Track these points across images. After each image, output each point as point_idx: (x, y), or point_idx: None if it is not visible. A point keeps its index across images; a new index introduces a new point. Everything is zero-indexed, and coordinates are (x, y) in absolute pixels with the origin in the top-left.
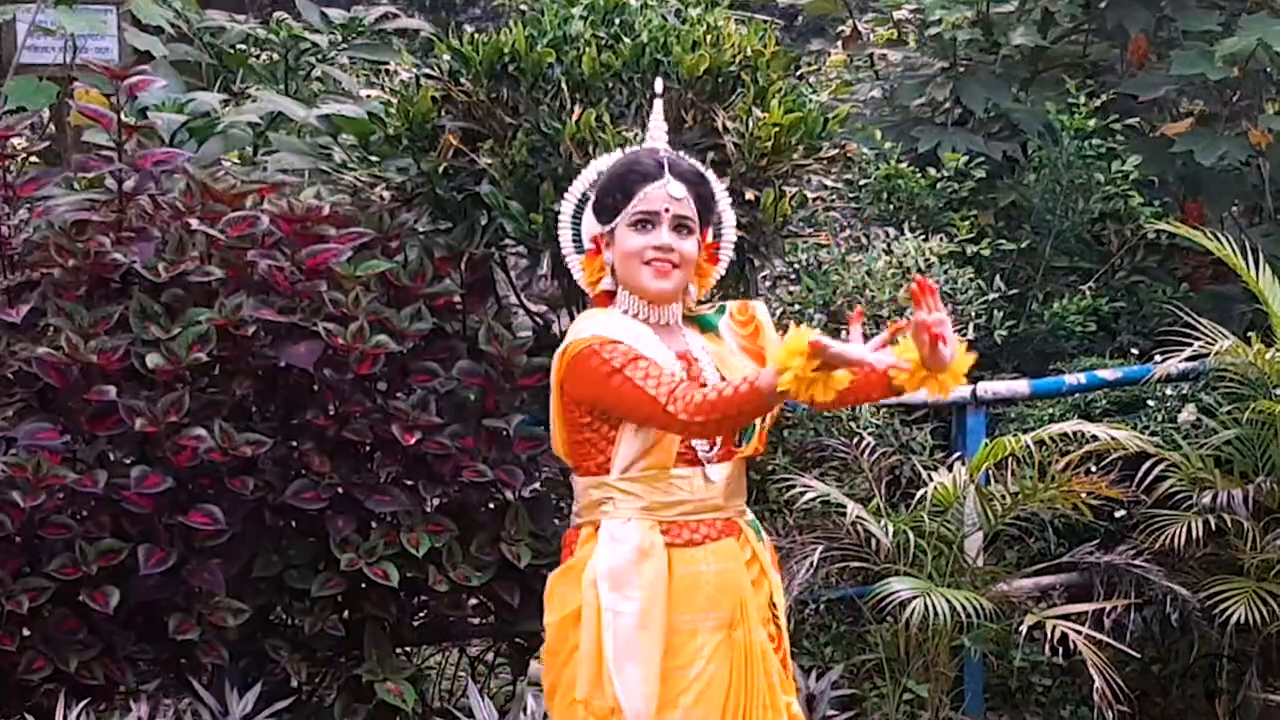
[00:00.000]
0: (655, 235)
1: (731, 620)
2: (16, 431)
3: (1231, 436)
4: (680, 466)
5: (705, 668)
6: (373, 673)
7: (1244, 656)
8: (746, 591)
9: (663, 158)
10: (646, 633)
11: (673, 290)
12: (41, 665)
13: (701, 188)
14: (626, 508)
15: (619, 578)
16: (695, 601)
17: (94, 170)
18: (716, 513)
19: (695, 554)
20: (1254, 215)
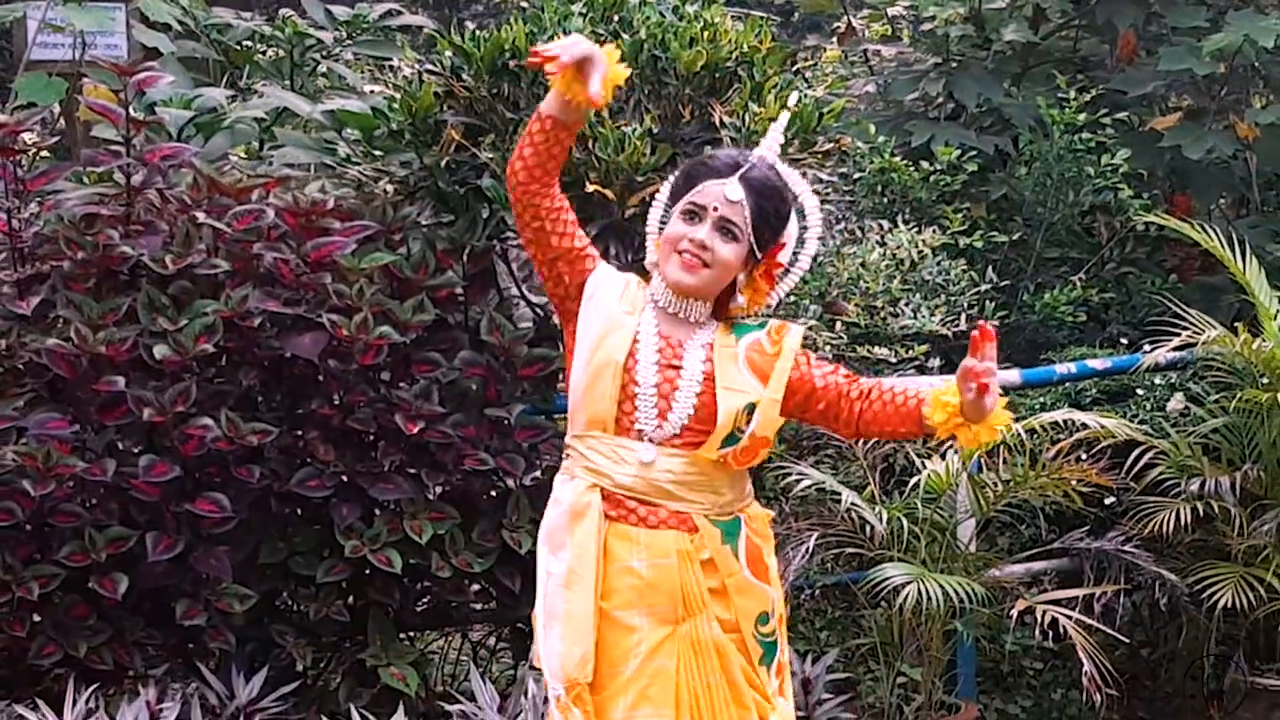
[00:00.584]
0: (696, 229)
1: (673, 615)
2: (27, 421)
3: (1219, 424)
4: (623, 435)
5: (648, 663)
6: (377, 657)
7: (1231, 641)
8: (690, 588)
9: (743, 160)
10: (572, 592)
11: (694, 286)
12: (52, 650)
13: (769, 202)
14: (575, 465)
15: (554, 539)
16: (626, 595)
17: (103, 165)
18: (665, 499)
19: (630, 545)
20: (1241, 207)
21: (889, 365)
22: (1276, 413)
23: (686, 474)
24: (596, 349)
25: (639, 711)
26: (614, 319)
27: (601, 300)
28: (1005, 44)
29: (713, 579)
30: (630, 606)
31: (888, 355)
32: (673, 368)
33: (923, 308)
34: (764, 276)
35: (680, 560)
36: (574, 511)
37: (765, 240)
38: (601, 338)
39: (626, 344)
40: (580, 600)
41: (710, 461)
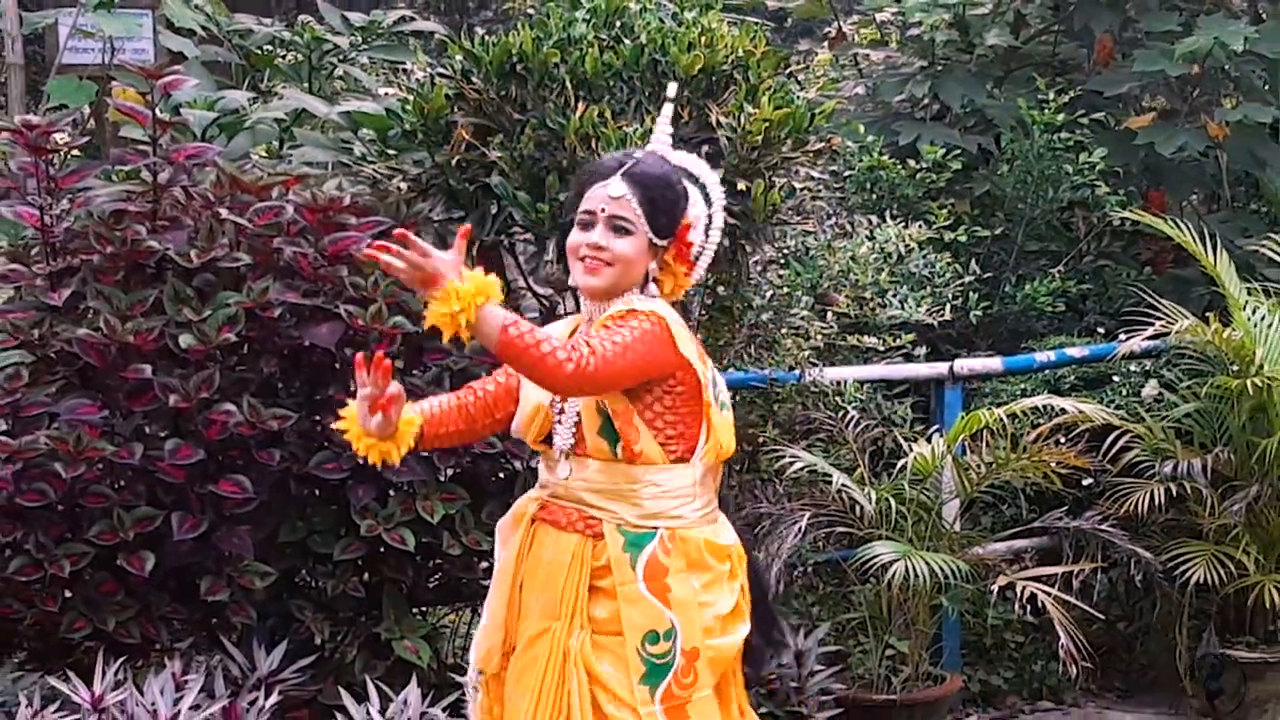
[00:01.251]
0: (590, 234)
1: (554, 612)
2: (58, 407)
3: (1191, 410)
4: (545, 448)
5: (528, 650)
6: (391, 631)
7: (1203, 615)
8: (569, 590)
9: (625, 159)
10: (495, 590)
11: (601, 286)
12: (82, 625)
13: (656, 192)
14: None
15: (501, 536)
16: (534, 583)
17: (131, 163)
18: (579, 504)
19: (544, 539)
20: (1212, 203)
21: (877, 353)
22: (1246, 398)
23: (599, 482)
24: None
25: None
26: None
27: None
28: (988, 48)
29: (605, 580)
30: (534, 593)
31: (876, 344)
32: None
33: (909, 299)
34: (678, 259)
35: (574, 562)
36: (515, 516)
37: (662, 226)
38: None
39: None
40: (498, 597)
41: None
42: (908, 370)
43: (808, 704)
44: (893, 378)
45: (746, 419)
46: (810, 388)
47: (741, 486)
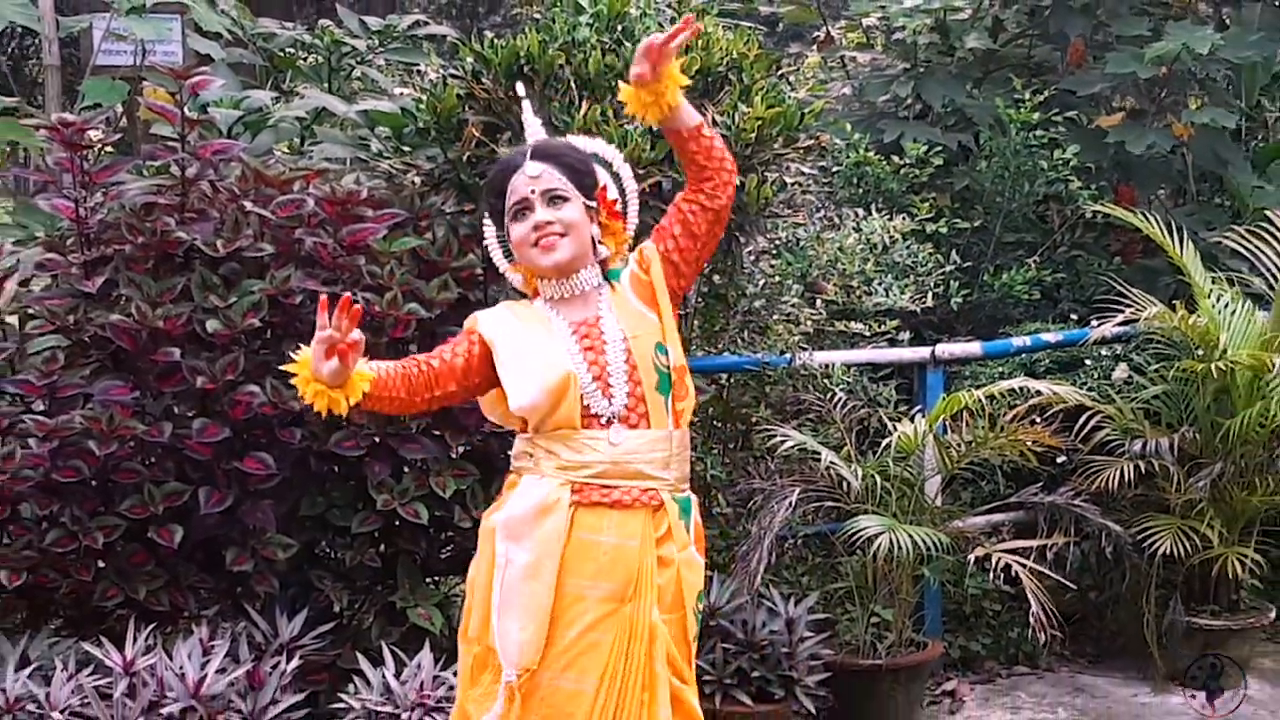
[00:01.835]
0: (532, 217)
1: (623, 594)
2: (92, 388)
3: (1159, 391)
4: (588, 428)
5: (585, 634)
6: (405, 600)
7: (1170, 585)
8: (644, 569)
9: (527, 147)
10: (533, 584)
11: (567, 258)
12: (114, 594)
13: (568, 158)
14: (546, 465)
15: (515, 529)
16: (586, 568)
17: (161, 159)
18: (635, 479)
19: (600, 520)
20: (1179, 197)
21: (864, 338)
22: (1210, 381)
23: (649, 450)
24: (545, 370)
25: (565, 675)
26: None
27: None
28: (968, 51)
29: (666, 548)
30: (588, 579)
31: (863, 329)
32: (596, 349)
33: (894, 287)
34: (612, 216)
35: (643, 543)
36: (542, 507)
37: (587, 186)
38: (543, 360)
39: (563, 351)
40: (541, 592)
41: (668, 434)
42: (892, 354)
43: (798, 668)
44: (878, 361)
45: (740, 400)
46: (800, 371)
47: (735, 464)
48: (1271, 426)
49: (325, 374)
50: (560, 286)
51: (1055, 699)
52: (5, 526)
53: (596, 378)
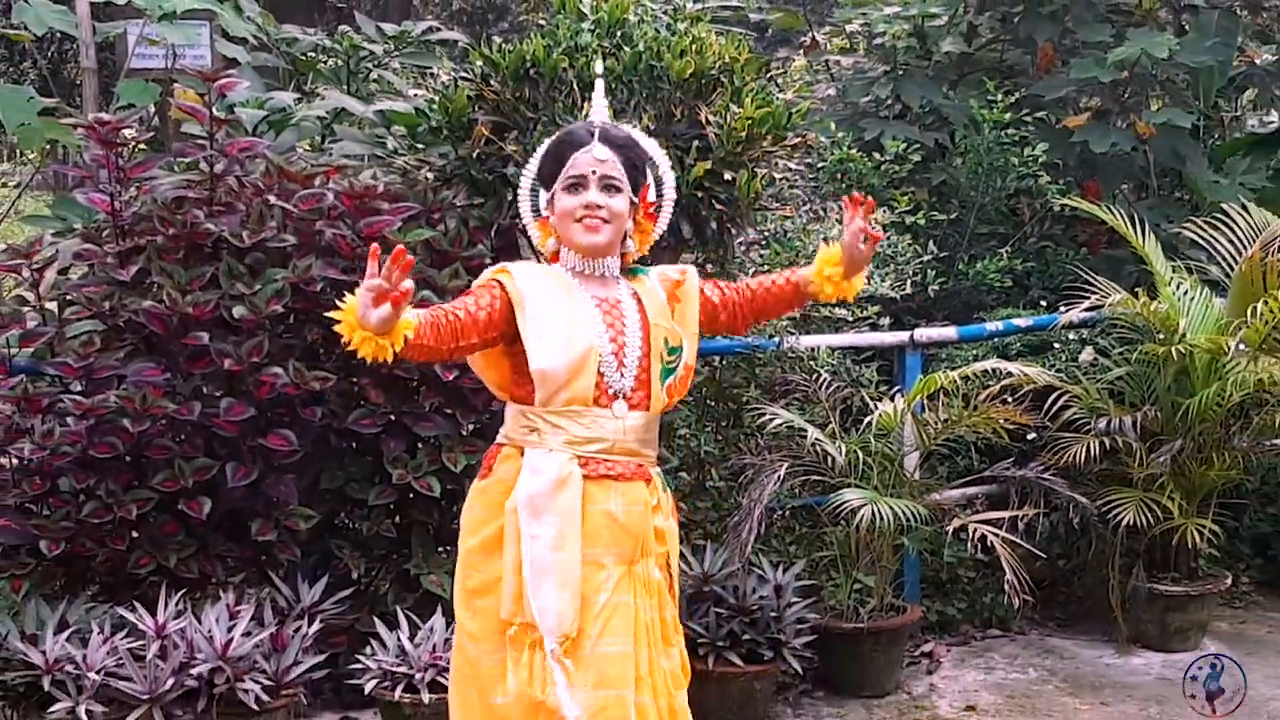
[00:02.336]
0: (585, 195)
1: (632, 556)
2: (126, 370)
3: (1122, 373)
4: (599, 406)
5: (612, 598)
6: (419, 567)
7: (1133, 553)
8: (648, 533)
9: (595, 127)
10: (561, 555)
11: (604, 243)
12: (147, 562)
13: (630, 152)
14: (551, 439)
15: (537, 505)
16: (600, 537)
17: (190, 156)
18: (631, 456)
19: (607, 492)
20: (1141, 192)
21: (847, 323)
22: (1170, 363)
23: (644, 431)
24: (570, 341)
25: (605, 640)
26: (569, 310)
27: (542, 297)
28: (944, 55)
29: (659, 518)
30: (603, 546)
31: (846, 315)
32: (616, 328)
33: (875, 275)
34: (646, 217)
35: (644, 507)
36: (558, 481)
37: (637, 185)
38: (569, 329)
39: (590, 327)
40: (570, 560)
41: (656, 417)
42: (873, 338)
43: (785, 631)
44: (860, 345)
45: (732, 381)
46: (788, 353)
47: (727, 440)
48: (1228, 406)
49: (374, 321)
50: (585, 263)
51: (1026, 660)
52: (45, 499)
53: (615, 353)
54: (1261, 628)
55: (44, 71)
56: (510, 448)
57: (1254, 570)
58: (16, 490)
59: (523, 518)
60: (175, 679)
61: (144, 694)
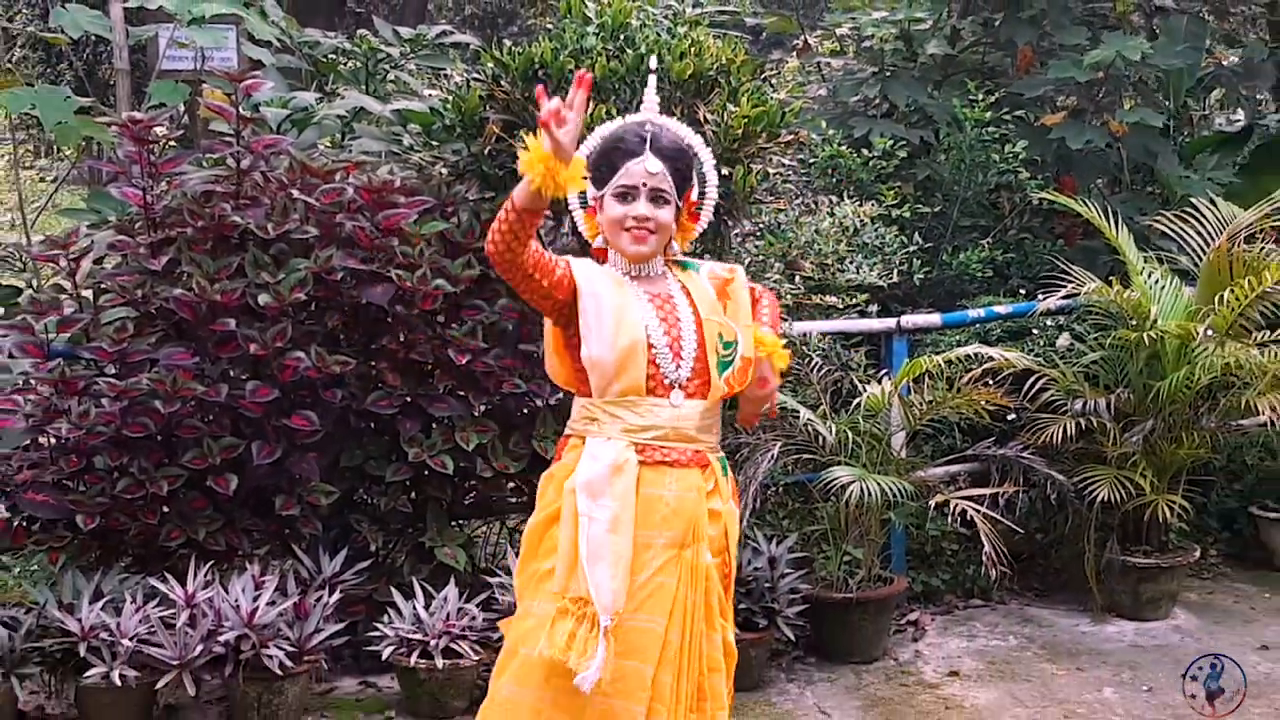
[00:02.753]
0: (634, 206)
1: (682, 541)
2: (158, 354)
3: (1097, 357)
4: (653, 395)
5: (653, 578)
6: (433, 540)
7: (1107, 528)
8: (700, 518)
9: (647, 132)
10: (616, 536)
11: (649, 253)
12: (177, 535)
13: (679, 162)
14: (609, 428)
15: (594, 488)
16: (651, 519)
17: (218, 152)
18: (688, 443)
19: (661, 477)
20: (1114, 186)
21: (837, 310)
22: (1142, 348)
23: (701, 419)
24: (619, 332)
25: (638, 615)
26: (621, 303)
27: (598, 289)
28: (929, 57)
29: (715, 502)
30: (655, 529)
31: (836, 303)
32: (669, 320)
33: (863, 265)
34: (690, 218)
35: (697, 494)
36: (614, 467)
37: (682, 191)
38: (619, 321)
39: (642, 321)
40: (624, 542)
41: (716, 404)
42: (862, 324)
43: (779, 601)
44: (850, 330)
45: None
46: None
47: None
48: (1196, 388)
49: (563, 137)
50: (632, 266)
51: (1006, 628)
52: (81, 476)
53: (670, 345)
54: (1228, 598)
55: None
56: (575, 438)
57: (1221, 543)
58: (54, 467)
59: (580, 499)
60: (204, 645)
61: (174, 659)
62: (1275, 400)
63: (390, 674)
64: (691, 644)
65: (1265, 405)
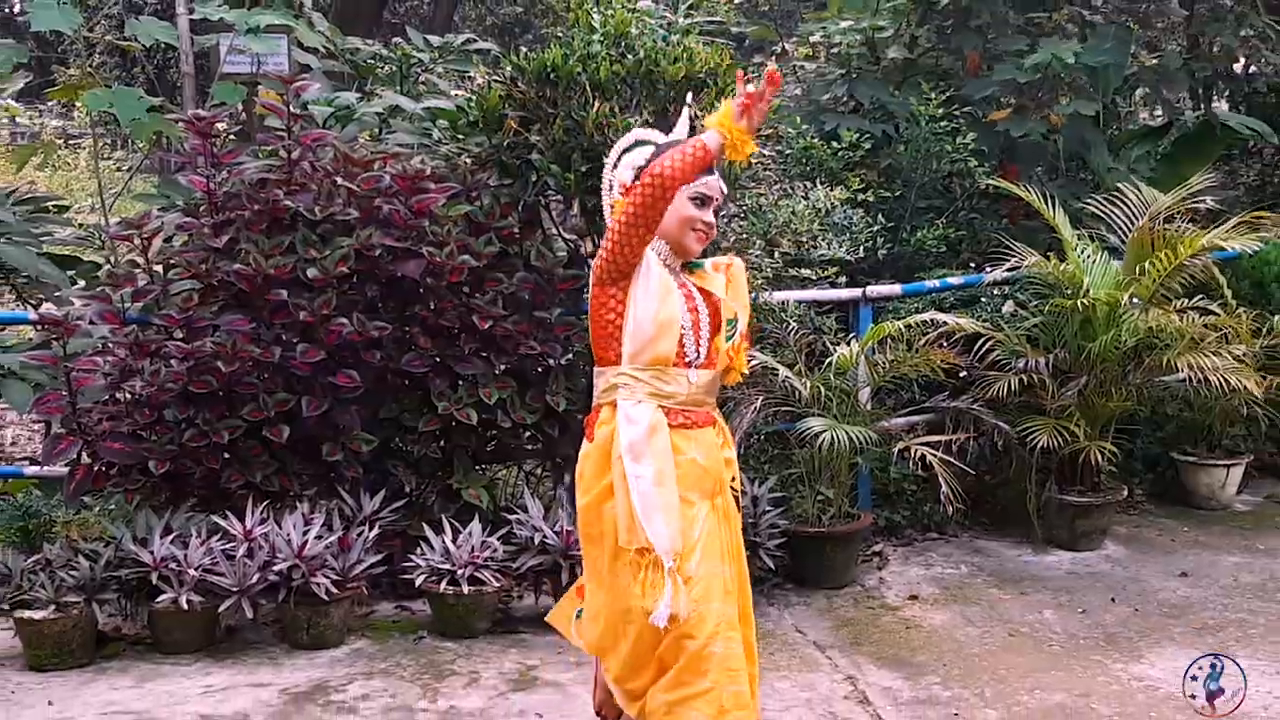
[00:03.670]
0: (705, 213)
1: (713, 491)
2: (220, 321)
3: (1038, 322)
4: (676, 366)
5: (703, 528)
6: (460, 482)
7: (1046, 470)
8: (723, 469)
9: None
10: (663, 488)
11: (699, 251)
12: (237, 478)
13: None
14: (640, 390)
15: (636, 450)
16: (688, 480)
17: (272, 145)
18: (699, 406)
19: (689, 442)
20: (1052, 174)
21: (811, 281)
22: (1076, 314)
23: (709, 385)
24: (660, 309)
25: (704, 563)
26: (666, 284)
27: (653, 268)
28: (890, 60)
29: (728, 451)
30: (691, 488)
31: (810, 275)
32: (691, 306)
33: (834, 242)
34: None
35: (716, 449)
36: (651, 428)
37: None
38: (663, 299)
39: (679, 303)
40: (670, 493)
41: (718, 374)
42: (833, 294)
43: (761, 535)
44: (822, 299)
45: None
46: (762, 306)
47: None
48: (1124, 349)
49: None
50: (674, 258)
51: (959, 558)
52: (153, 427)
53: (692, 326)
54: (1152, 531)
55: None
56: (606, 408)
57: (1146, 484)
58: (129, 420)
59: (626, 463)
60: (260, 574)
61: (234, 587)
62: (1192, 359)
63: (422, 599)
64: (738, 576)
65: (1183, 364)
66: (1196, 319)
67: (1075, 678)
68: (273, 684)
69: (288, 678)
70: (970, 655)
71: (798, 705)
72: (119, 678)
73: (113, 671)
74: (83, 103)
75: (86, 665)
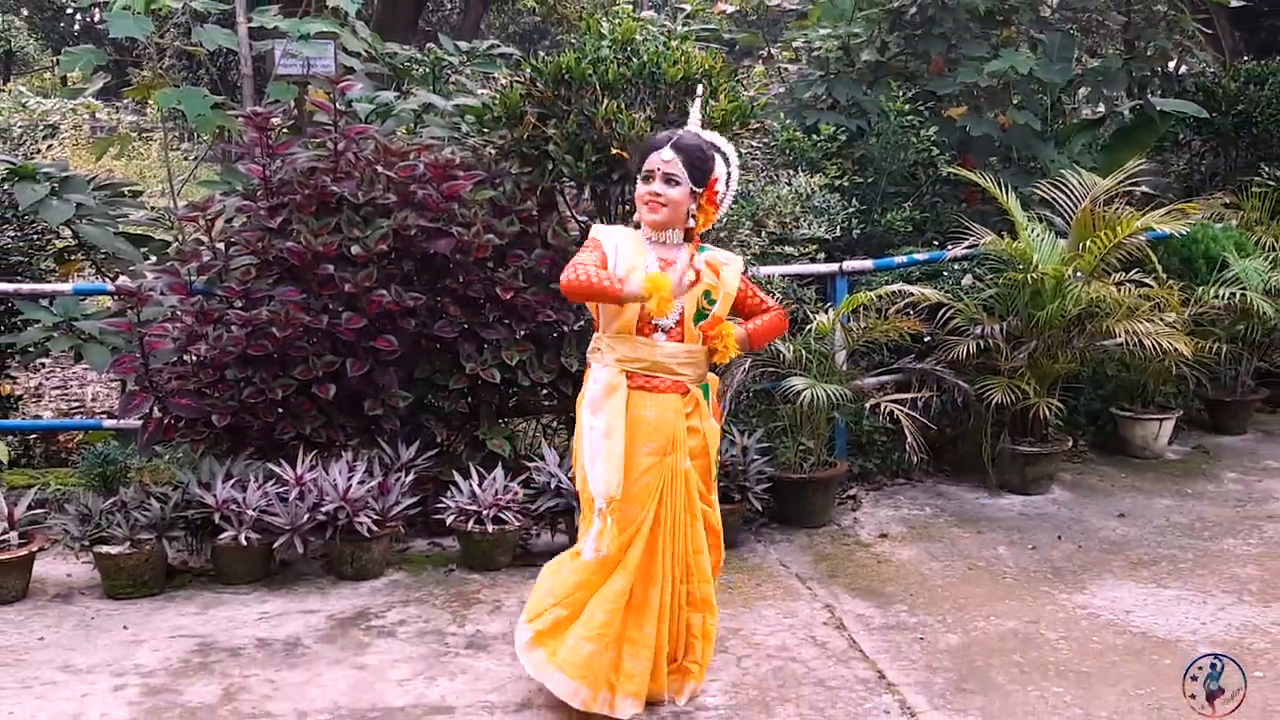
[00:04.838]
0: (650, 185)
1: (664, 449)
2: (274, 292)
3: (993, 293)
4: (641, 335)
5: (642, 478)
6: (485, 434)
7: (1000, 424)
8: (679, 431)
9: (675, 134)
10: (609, 440)
11: (660, 220)
12: (289, 430)
13: (694, 155)
14: (608, 356)
15: (594, 404)
16: (639, 435)
17: (320, 138)
18: (669, 374)
19: (644, 400)
20: (1005, 163)
21: (794, 257)
22: (1027, 287)
23: (681, 356)
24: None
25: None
26: (633, 261)
27: (620, 245)
28: (864, 63)
29: (694, 420)
30: (642, 442)
31: (793, 251)
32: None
33: (814, 223)
34: (709, 203)
35: (674, 413)
36: (609, 386)
37: (699, 179)
38: (627, 273)
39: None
40: (616, 445)
41: (696, 349)
42: (813, 268)
43: (749, 480)
44: (803, 273)
45: None
46: (751, 279)
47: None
48: (1068, 317)
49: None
50: (654, 234)
51: (923, 501)
52: (216, 385)
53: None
54: (1094, 478)
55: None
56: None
57: (1088, 435)
58: (195, 379)
59: (585, 415)
60: (309, 515)
61: (287, 525)
62: (1129, 326)
63: (451, 536)
64: (675, 528)
65: (1121, 329)
66: (1133, 290)
67: (1026, 606)
68: (320, 610)
69: (334, 605)
70: (933, 586)
71: (782, 630)
72: (185, 605)
73: (180, 599)
74: (154, 100)
75: (157, 594)
